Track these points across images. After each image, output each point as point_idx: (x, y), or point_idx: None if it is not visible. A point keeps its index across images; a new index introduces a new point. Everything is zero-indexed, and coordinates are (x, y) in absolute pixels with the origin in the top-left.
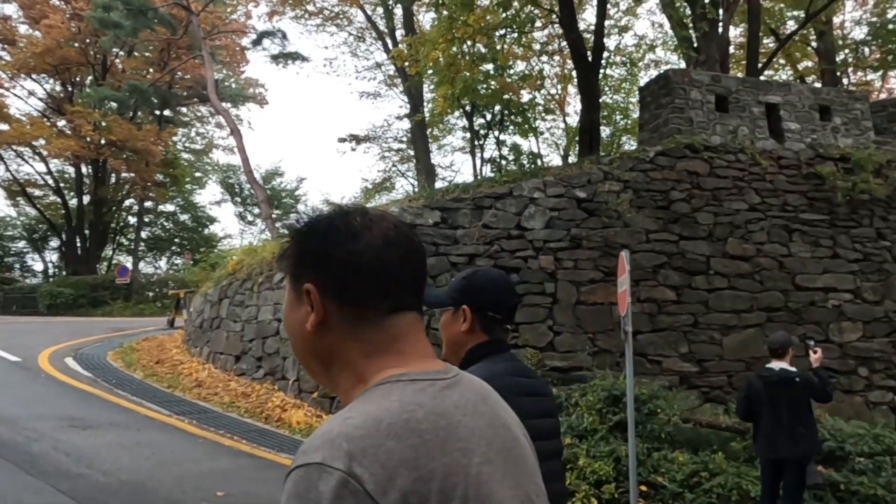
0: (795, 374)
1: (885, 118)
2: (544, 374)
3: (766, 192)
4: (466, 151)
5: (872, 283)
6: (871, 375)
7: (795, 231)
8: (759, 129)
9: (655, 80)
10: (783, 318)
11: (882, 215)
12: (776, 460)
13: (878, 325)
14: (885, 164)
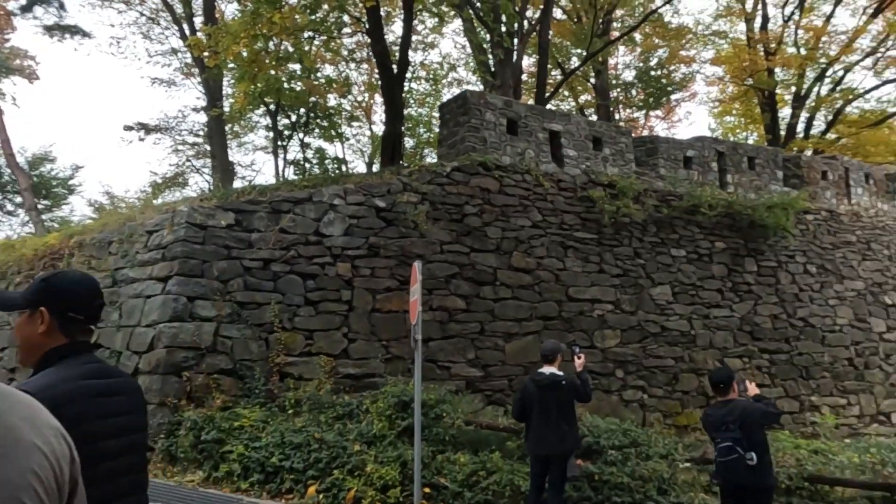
0: (562, 377)
1: (644, 152)
2: (338, 382)
3: (547, 211)
4: (269, 151)
5: (629, 295)
6: (625, 377)
7: (570, 248)
8: (544, 154)
9: (455, 99)
10: (557, 325)
11: (639, 237)
12: (544, 456)
13: (633, 333)
14: (643, 192)
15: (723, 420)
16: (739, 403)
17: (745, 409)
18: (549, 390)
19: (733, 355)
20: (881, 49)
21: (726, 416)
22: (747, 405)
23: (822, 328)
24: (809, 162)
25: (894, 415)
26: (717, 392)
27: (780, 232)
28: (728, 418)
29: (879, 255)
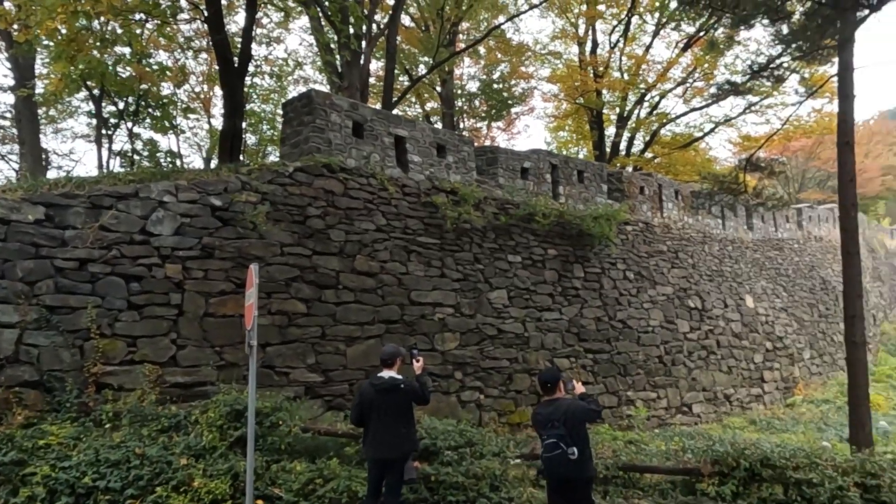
0: (401, 381)
1: (485, 161)
2: (164, 392)
3: (391, 215)
4: (92, 140)
5: (469, 299)
6: (464, 378)
7: (413, 252)
8: (389, 158)
9: (300, 98)
10: (399, 329)
11: (478, 242)
12: (382, 460)
13: (471, 335)
14: (483, 200)
15: (549, 418)
16: (564, 402)
17: (569, 407)
18: (388, 394)
19: (562, 355)
20: (689, 80)
21: (553, 413)
22: (571, 403)
23: (638, 329)
24: (630, 178)
25: (695, 406)
26: (545, 391)
27: (604, 241)
28: (554, 416)
29: (685, 263)
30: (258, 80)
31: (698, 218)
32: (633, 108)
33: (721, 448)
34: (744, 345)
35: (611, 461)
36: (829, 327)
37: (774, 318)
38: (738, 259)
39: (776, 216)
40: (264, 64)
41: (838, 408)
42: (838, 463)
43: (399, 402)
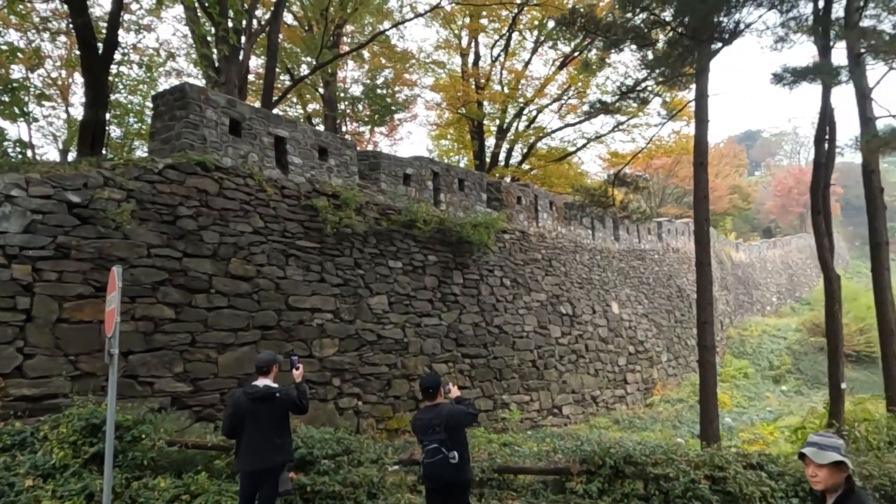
0: (277, 389)
1: (368, 166)
2: (7, 406)
3: (269, 218)
4: None
5: (349, 305)
6: (342, 385)
7: (292, 256)
8: (268, 159)
9: (172, 91)
10: (276, 335)
11: (359, 247)
12: (255, 471)
13: (351, 341)
14: (365, 205)
15: (430, 423)
16: (445, 407)
17: (450, 412)
18: (263, 403)
19: (440, 360)
20: (565, 97)
21: (434, 419)
22: (452, 408)
23: (513, 334)
24: (508, 188)
25: (565, 407)
26: (427, 397)
27: (482, 248)
28: (435, 421)
29: (558, 271)
30: (125, 70)
31: (571, 228)
32: (512, 121)
33: (588, 448)
34: (609, 349)
35: (486, 464)
36: (684, 332)
37: (637, 323)
38: (606, 268)
39: (640, 228)
40: (133, 52)
41: (691, 406)
42: (691, 458)
43: (274, 412)
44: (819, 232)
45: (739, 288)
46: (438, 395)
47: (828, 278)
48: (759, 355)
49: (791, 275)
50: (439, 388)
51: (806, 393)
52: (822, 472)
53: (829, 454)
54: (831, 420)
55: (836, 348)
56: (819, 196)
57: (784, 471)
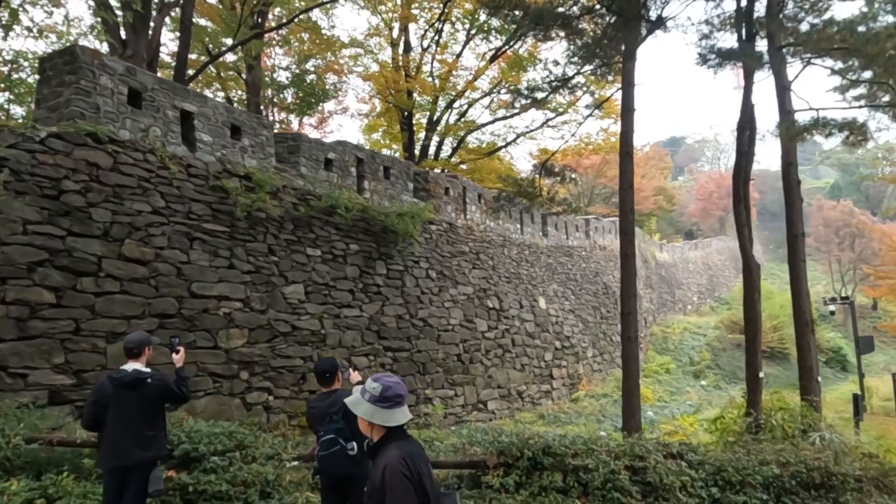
0: (149, 374)
1: (286, 149)
2: None
3: (172, 198)
4: None
5: (260, 293)
6: (251, 378)
7: (197, 239)
8: (173, 134)
9: (61, 54)
10: (176, 324)
11: (274, 233)
12: (120, 468)
13: (262, 332)
14: (282, 189)
15: (327, 412)
16: (343, 393)
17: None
18: (131, 390)
19: (360, 353)
20: (496, 91)
21: (330, 407)
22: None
23: (438, 328)
24: (436, 178)
25: (490, 402)
26: (322, 382)
27: (408, 238)
28: (332, 409)
29: (486, 264)
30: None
31: (499, 222)
32: (443, 113)
33: (507, 439)
34: (536, 344)
35: None
36: (609, 328)
37: (563, 318)
38: (534, 263)
39: (568, 225)
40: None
41: (615, 401)
42: (611, 448)
43: (144, 400)
44: (740, 221)
45: (663, 287)
46: (336, 380)
47: (748, 267)
48: (680, 352)
49: (711, 275)
50: (336, 372)
51: (724, 387)
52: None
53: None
54: (749, 409)
55: (755, 337)
56: (741, 185)
57: (704, 459)
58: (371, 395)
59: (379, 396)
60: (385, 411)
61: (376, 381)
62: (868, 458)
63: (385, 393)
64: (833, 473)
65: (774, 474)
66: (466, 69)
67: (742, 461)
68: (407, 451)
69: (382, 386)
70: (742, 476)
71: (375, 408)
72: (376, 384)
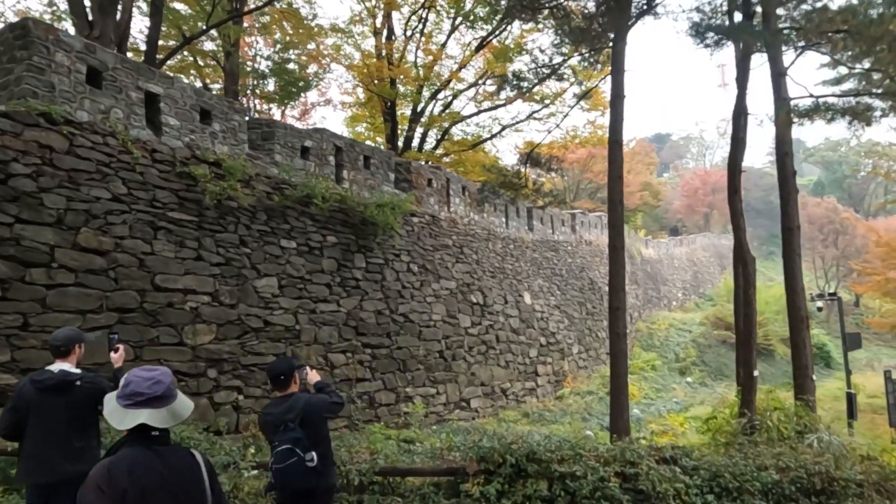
0: (78, 376)
1: (260, 135)
2: None
3: (134, 184)
4: None
5: (230, 287)
6: (219, 377)
7: (162, 229)
8: (136, 117)
9: (12, 28)
10: (138, 319)
11: (246, 223)
12: (45, 484)
13: (231, 328)
14: (254, 177)
15: (283, 418)
16: (301, 397)
17: (307, 402)
18: (57, 394)
19: (337, 350)
20: (481, 83)
21: (286, 413)
22: (310, 398)
23: (420, 323)
24: (418, 169)
25: (473, 400)
26: (277, 386)
27: (388, 230)
28: (288, 416)
29: (469, 258)
30: None
31: (484, 215)
32: (427, 104)
33: (488, 444)
34: (521, 340)
35: (366, 465)
36: (595, 324)
37: (549, 314)
38: (519, 257)
39: (553, 220)
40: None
41: (600, 398)
42: (600, 453)
43: (73, 406)
44: (735, 212)
45: (648, 283)
46: (292, 382)
47: (743, 260)
48: (666, 348)
49: (696, 272)
50: (293, 374)
51: (710, 384)
52: None
53: None
54: (743, 409)
55: (750, 334)
56: (736, 175)
57: (699, 465)
58: (118, 391)
59: (120, 392)
60: (121, 411)
61: (128, 373)
62: (867, 460)
63: (125, 389)
64: (834, 479)
65: (773, 480)
66: (451, 58)
67: (739, 466)
68: (124, 461)
69: (125, 380)
70: (740, 482)
71: (116, 405)
72: (125, 377)
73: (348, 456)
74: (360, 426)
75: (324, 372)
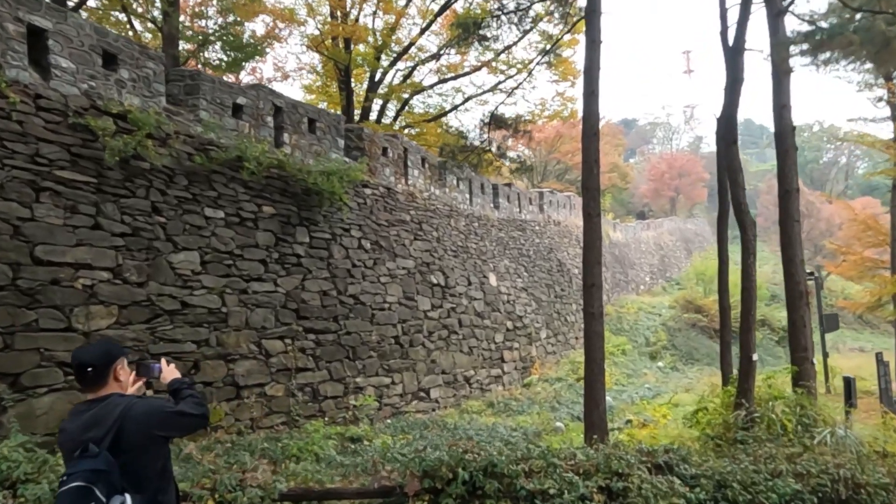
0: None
1: (183, 89)
2: None
3: (10, 135)
4: None
5: (138, 261)
6: None
7: (47, 190)
8: (15, 54)
9: None
10: (9, 299)
11: (161, 188)
12: None
13: (138, 310)
14: (173, 135)
15: (82, 436)
16: (120, 402)
17: (126, 411)
18: None
19: (274, 336)
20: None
21: (89, 427)
22: (133, 404)
23: (373, 306)
24: (371, 136)
25: (434, 390)
26: (85, 384)
27: (336, 202)
28: (91, 433)
29: (430, 236)
30: None
31: (446, 190)
32: (385, 72)
33: (434, 455)
34: (486, 324)
35: (261, 492)
36: (564, 308)
37: (516, 297)
38: (484, 237)
39: (521, 197)
40: None
41: (570, 385)
42: (579, 461)
43: None
44: (732, 167)
45: (616, 266)
46: (111, 379)
47: (741, 223)
48: (636, 332)
49: (663, 256)
50: (110, 366)
51: (681, 369)
52: None
53: None
54: (740, 399)
55: (749, 311)
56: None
57: (699, 472)
58: None
59: None
60: None
61: None
62: (882, 457)
63: None
64: (860, 484)
65: (792, 490)
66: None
67: (749, 473)
68: None
69: None
70: (752, 494)
71: None
72: None
73: (239, 477)
74: (301, 423)
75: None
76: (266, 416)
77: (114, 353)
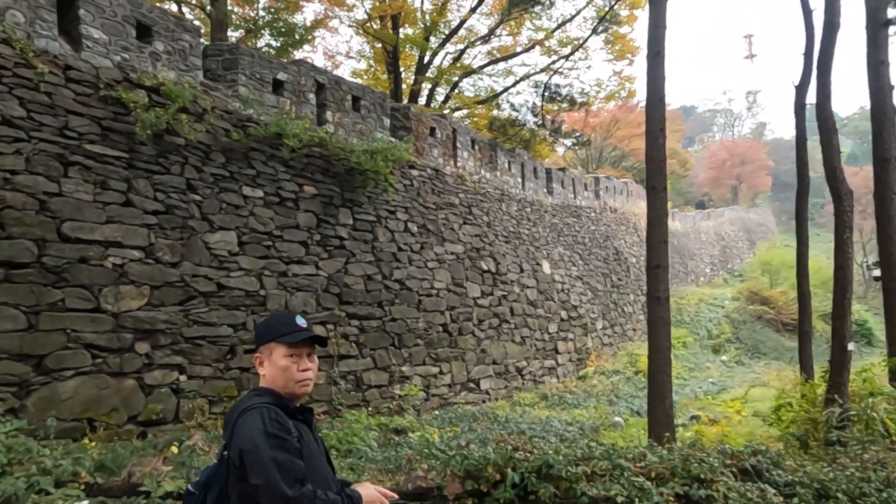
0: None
1: (221, 64)
2: None
3: (38, 106)
4: None
5: (171, 240)
6: (153, 352)
7: (76, 165)
8: (45, 24)
9: None
10: (34, 277)
11: (196, 165)
12: None
13: (171, 291)
14: (210, 110)
15: None
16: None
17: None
18: None
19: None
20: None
21: None
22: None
23: (419, 291)
24: (419, 116)
25: (483, 381)
26: None
27: (381, 183)
28: None
29: (479, 220)
30: None
31: (497, 174)
32: (434, 54)
33: (478, 454)
34: (539, 313)
35: None
36: (621, 297)
37: (570, 286)
38: (537, 222)
39: (575, 182)
40: None
41: (627, 378)
42: (650, 463)
43: None
44: (826, 126)
45: (675, 257)
46: None
47: (836, 192)
48: (697, 324)
49: (724, 246)
50: None
51: (747, 363)
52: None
53: None
54: (832, 394)
55: (844, 292)
56: (827, 74)
57: (796, 479)
58: None
59: None
60: None
61: None
62: None
63: None
64: None
65: None
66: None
67: (855, 480)
68: None
69: None
70: None
71: None
72: None
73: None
74: (343, 412)
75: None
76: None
77: None
